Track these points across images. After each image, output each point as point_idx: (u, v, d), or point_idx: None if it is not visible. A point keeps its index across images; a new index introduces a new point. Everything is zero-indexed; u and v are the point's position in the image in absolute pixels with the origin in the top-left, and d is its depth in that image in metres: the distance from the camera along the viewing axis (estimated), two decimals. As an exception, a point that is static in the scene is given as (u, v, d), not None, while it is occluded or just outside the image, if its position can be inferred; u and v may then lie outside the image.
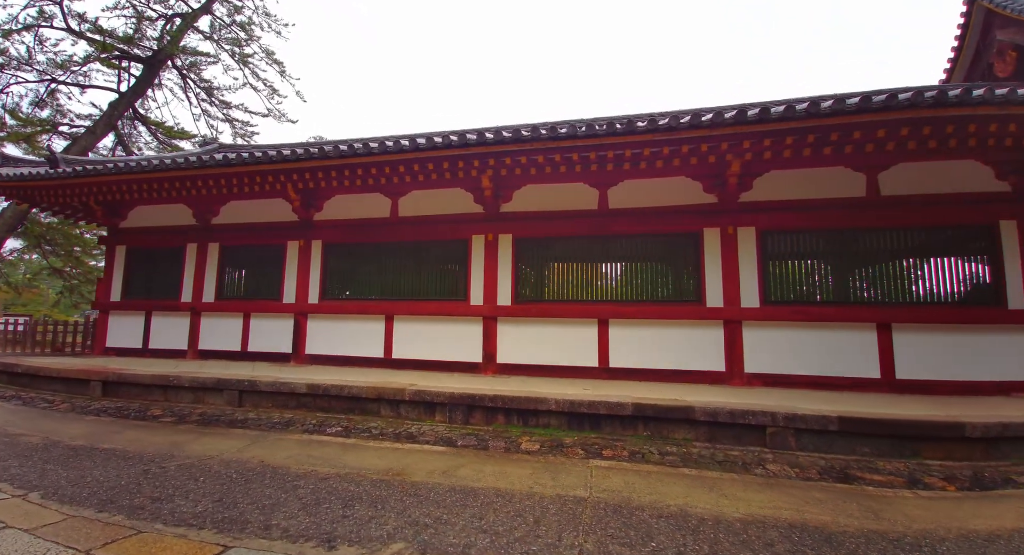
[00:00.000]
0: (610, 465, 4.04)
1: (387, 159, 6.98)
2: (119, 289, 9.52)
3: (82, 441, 4.46)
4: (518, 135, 6.29)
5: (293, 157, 7.32)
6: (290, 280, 8.54)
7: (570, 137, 6.13)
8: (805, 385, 6.24)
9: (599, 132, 5.88)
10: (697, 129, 5.18)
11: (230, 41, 16.33)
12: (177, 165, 7.74)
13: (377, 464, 3.93)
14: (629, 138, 5.78)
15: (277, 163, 7.43)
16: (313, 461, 3.96)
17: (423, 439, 5.18)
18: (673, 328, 6.73)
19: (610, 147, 6.11)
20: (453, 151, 6.67)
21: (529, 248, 7.51)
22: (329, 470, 3.71)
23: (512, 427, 5.62)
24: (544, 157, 6.44)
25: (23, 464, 3.45)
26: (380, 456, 4.20)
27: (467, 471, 3.77)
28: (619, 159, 6.32)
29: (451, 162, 6.86)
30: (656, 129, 5.31)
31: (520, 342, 7.28)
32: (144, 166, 7.94)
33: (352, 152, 6.99)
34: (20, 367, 7.92)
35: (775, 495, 3.40)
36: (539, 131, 6.24)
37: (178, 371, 7.19)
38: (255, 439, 4.76)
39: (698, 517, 2.87)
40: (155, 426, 5.39)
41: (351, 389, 6.22)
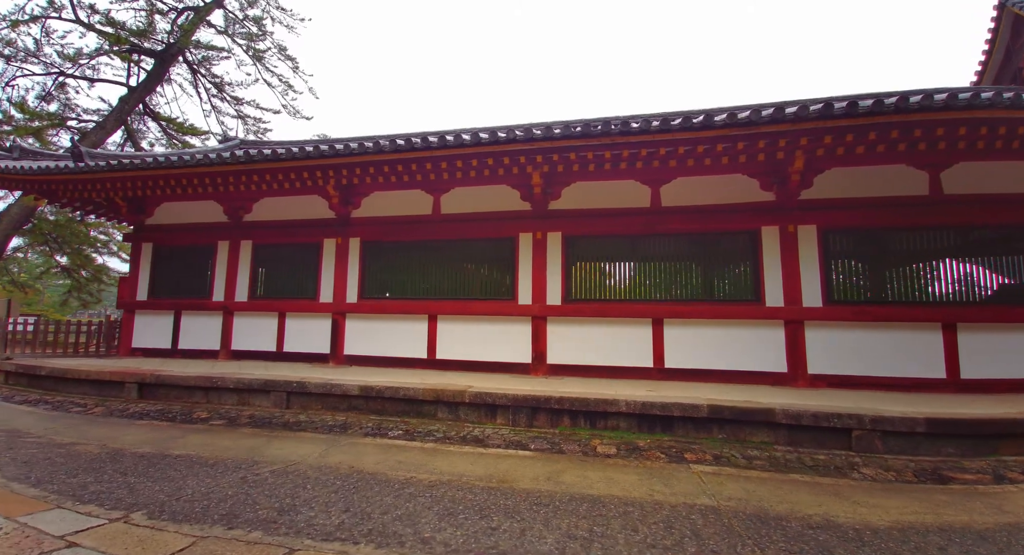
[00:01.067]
0: (712, 470, 3.90)
1: (432, 155, 6.78)
2: (145, 288, 9.23)
3: (147, 448, 4.23)
4: (571, 131, 6.12)
5: (334, 152, 7.11)
6: (327, 279, 8.32)
7: (624, 133, 5.97)
8: (870, 386, 6.14)
9: (656, 128, 5.73)
10: (777, 123, 5.05)
11: (244, 36, 16.00)
12: (210, 161, 7.48)
13: (473, 470, 3.76)
14: (687, 134, 5.63)
15: (317, 158, 7.21)
16: (406, 467, 3.78)
17: (492, 443, 5.02)
18: (731, 328, 6.61)
19: (665, 144, 5.97)
20: (501, 147, 6.50)
21: (579, 246, 7.36)
22: (429, 477, 3.53)
23: (579, 429, 5.48)
24: (595, 153, 6.28)
25: (100, 478, 3.22)
26: (471, 462, 4.02)
27: (571, 478, 3.61)
28: (673, 156, 6.18)
29: (498, 158, 6.69)
30: (728, 124, 5.18)
31: (571, 342, 7.13)
32: (174, 162, 7.68)
33: (396, 147, 6.79)
34: (44, 369, 7.64)
35: (902, 500, 3.29)
36: (593, 127, 6.08)
37: (221, 372, 6.95)
38: (329, 443, 4.56)
39: (851, 527, 2.74)
40: (212, 429, 5.17)
41: (407, 391, 6.03)
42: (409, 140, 6.91)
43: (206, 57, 16.48)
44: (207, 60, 16.60)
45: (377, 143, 6.96)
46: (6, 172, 8.13)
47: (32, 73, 15.09)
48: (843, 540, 2.55)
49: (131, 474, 3.35)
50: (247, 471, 3.50)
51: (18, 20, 14.64)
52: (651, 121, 5.98)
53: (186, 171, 7.67)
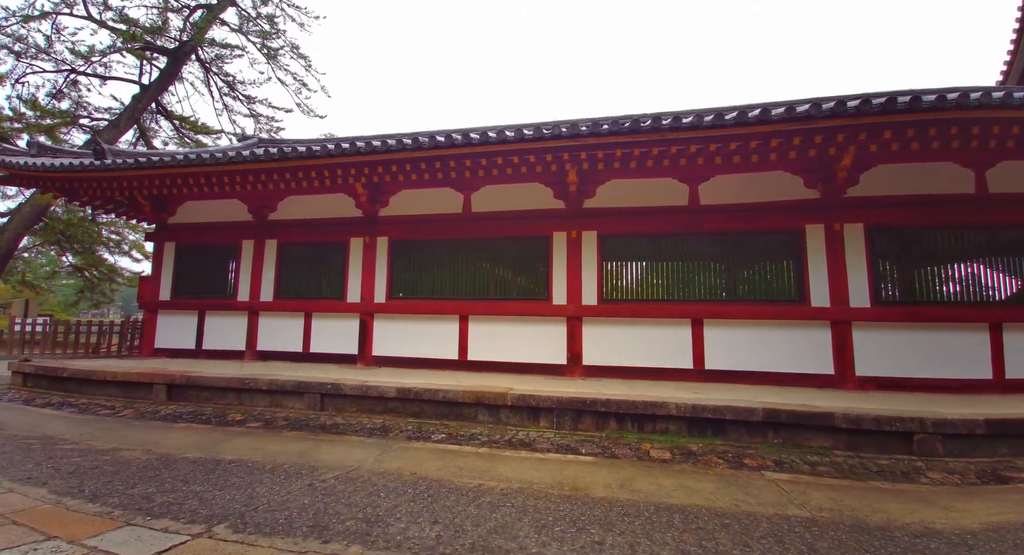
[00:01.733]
0: (788, 478, 3.77)
1: (470, 152, 6.63)
2: (168, 287, 9.10)
3: (196, 453, 4.10)
4: (619, 127, 5.97)
5: (366, 149, 6.97)
6: (354, 278, 8.19)
7: (676, 128, 5.82)
8: (917, 388, 6.01)
9: (709, 123, 5.59)
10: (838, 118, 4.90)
11: (258, 33, 15.84)
12: (239, 158, 7.34)
13: (539, 477, 3.62)
14: (742, 130, 5.49)
15: (348, 156, 7.07)
16: (469, 473, 3.64)
17: (540, 447, 4.89)
18: (774, 329, 6.47)
19: (716, 139, 5.82)
20: (542, 143, 6.36)
21: (614, 245, 7.22)
22: (498, 484, 3.39)
23: (627, 433, 5.34)
24: (641, 150, 6.13)
25: (162, 488, 3.07)
26: (532, 468, 3.89)
27: (645, 485, 3.48)
28: (721, 152, 6.04)
29: (539, 155, 6.54)
30: (787, 118, 5.03)
31: (607, 343, 6.99)
32: (201, 159, 7.54)
33: (432, 144, 6.65)
34: (67, 371, 7.50)
35: (981, 502, 3.26)
36: (640, 122, 5.93)
37: (253, 373, 6.82)
38: (379, 448, 4.43)
39: (951, 532, 2.65)
40: (252, 432, 5.04)
41: (446, 393, 5.90)
42: (448, 136, 6.76)
43: (219, 55, 16.34)
44: (220, 58, 16.45)
45: (416, 140, 6.82)
46: (26, 169, 7.98)
47: (43, 70, 14.96)
48: (952, 546, 2.44)
49: (193, 482, 3.22)
50: (311, 477, 3.37)
51: (29, 16, 14.51)
52: (703, 116, 5.83)
53: (212, 169, 7.53)
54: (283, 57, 16.31)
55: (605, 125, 6.18)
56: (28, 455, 3.74)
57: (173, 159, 7.71)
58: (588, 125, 6.28)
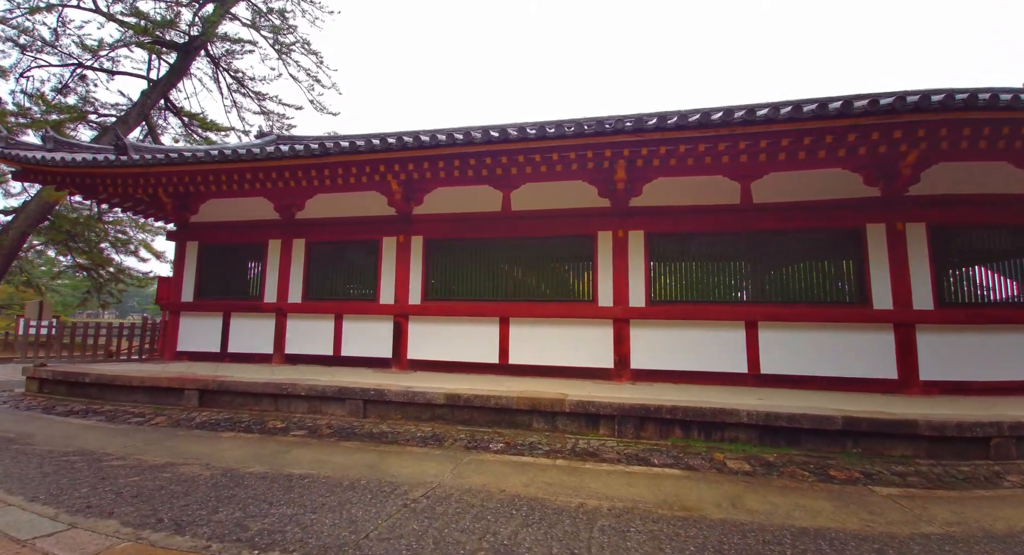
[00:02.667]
0: (899, 493, 3.55)
1: (505, 148, 6.39)
2: (191, 288, 8.78)
3: (259, 467, 3.83)
4: (664, 123, 5.73)
5: (401, 145, 6.69)
6: (387, 279, 7.91)
7: (726, 123, 5.59)
8: (981, 391, 5.82)
9: (784, 117, 5.35)
10: (922, 112, 4.69)
11: (270, 29, 15.47)
12: (275, 154, 7.05)
13: (638, 493, 3.37)
14: (816, 124, 5.26)
15: (383, 152, 6.79)
16: (561, 491, 3.39)
17: (606, 457, 4.67)
18: (833, 332, 6.26)
19: (774, 135, 5.60)
20: (581, 140, 6.11)
21: (663, 245, 6.98)
22: (599, 502, 3.14)
23: (693, 441, 5.12)
24: (687, 147, 5.90)
25: (248, 511, 2.70)
26: (625, 482, 3.64)
27: (755, 504, 3.24)
28: (777, 148, 5.82)
29: (573, 153, 6.31)
30: (869, 112, 4.81)
31: (656, 347, 6.76)
32: (233, 155, 7.23)
33: (465, 141, 6.37)
34: (89, 376, 7.18)
35: None
36: (685, 118, 5.70)
37: (291, 378, 6.54)
38: (450, 460, 4.17)
39: None
40: (305, 443, 4.77)
41: (499, 400, 5.65)
42: (487, 132, 6.52)
43: (230, 50, 15.96)
44: (230, 54, 16.08)
45: (452, 136, 6.56)
46: (42, 164, 7.64)
47: (48, 64, 14.55)
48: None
49: (276, 502, 2.94)
50: (400, 497, 3.10)
51: (35, 7, 14.08)
52: (755, 111, 5.60)
53: (243, 165, 7.22)
54: (295, 53, 15.98)
55: (651, 120, 5.95)
56: (76, 476, 3.42)
57: (197, 156, 7.39)
58: (633, 121, 6.04)
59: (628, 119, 6.50)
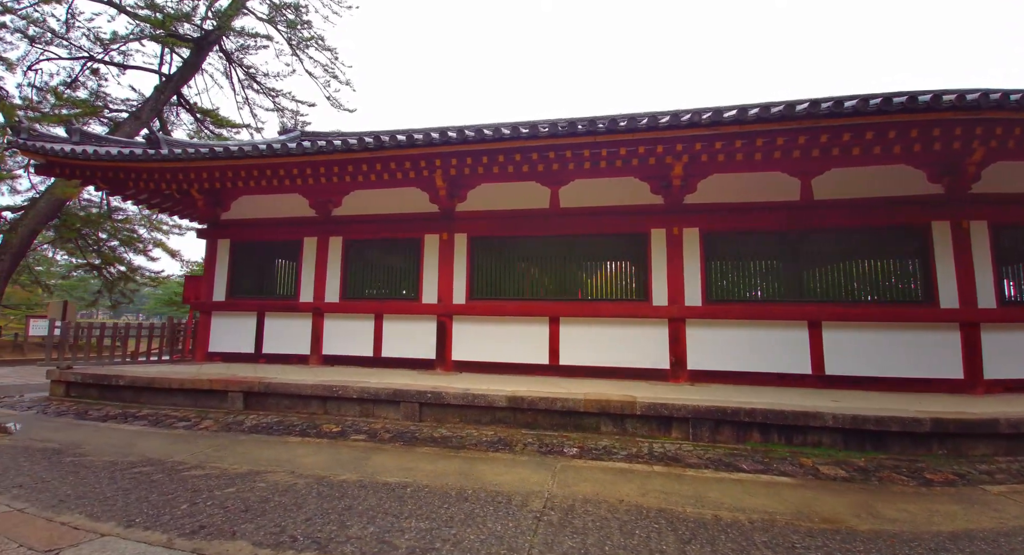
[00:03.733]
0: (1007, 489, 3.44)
1: (555, 143, 6.21)
2: (223, 287, 8.51)
3: (350, 474, 3.62)
4: (720, 118, 5.58)
5: (445, 140, 6.49)
6: (430, 278, 7.70)
7: (784, 118, 5.46)
8: (1051, 392, 5.74)
9: (852, 110, 5.23)
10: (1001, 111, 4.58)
11: (286, 23, 15.15)
12: (316, 149, 6.81)
13: (767, 504, 3.19)
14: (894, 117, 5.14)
15: (427, 147, 6.59)
16: (683, 501, 3.21)
17: (690, 462, 4.52)
18: (898, 332, 6.15)
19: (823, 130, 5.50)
20: (635, 135, 5.95)
21: (720, 243, 6.84)
22: (738, 516, 2.96)
23: (774, 445, 4.97)
24: (744, 142, 5.79)
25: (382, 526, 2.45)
26: (744, 492, 3.46)
27: (888, 510, 3.09)
28: (835, 143, 5.71)
29: (623, 148, 6.17)
30: (957, 106, 4.69)
31: (714, 347, 6.61)
32: (270, 150, 6.98)
33: (511, 136, 6.19)
34: (124, 378, 6.90)
35: None
36: (745, 112, 5.54)
37: (342, 380, 6.32)
38: (542, 467, 3.98)
39: None
40: (380, 449, 4.57)
41: (565, 402, 5.47)
42: (534, 127, 6.33)
43: (244, 46, 15.62)
44: (244, 49, 15.74)
45: (498, 130, 6.38)
46: (71, 157, 7.33)
47: (58, 57, 14.13)
48: None
49: (402, 515, 2.69)
50: (524, 509, 2.91)
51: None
52: (819, 103, 5.48)
53: (287, 160, 6.98)
54: (310, 49, 15.66)
55: (705, 115, 5.80)
56: (162, 490, 3.16)
57: (240, 150, 7.14)
58: (691, 114, 5.89)
59: (683, 113, 6.36)
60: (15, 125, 7.69)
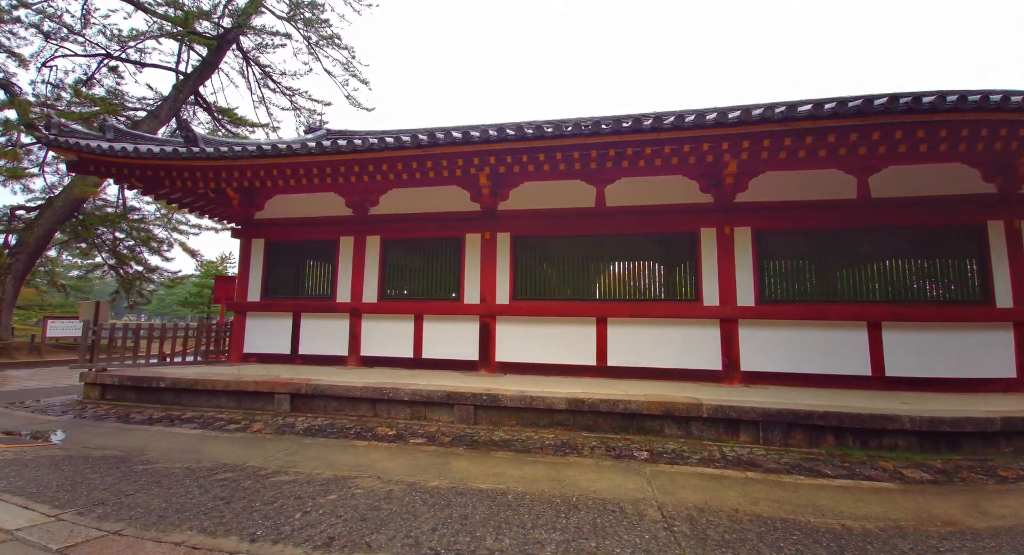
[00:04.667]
0: None
1: (604, 141, 6.10)
2: (258, 287, 8.36)
3: (439, 481, 3.49)
4: (771, 114, 5.48)
5: (487, 138, 6.37)
6: (472, 277, 7.57)
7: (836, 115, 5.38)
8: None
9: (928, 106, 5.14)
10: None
11: (305, 21, 14.99)
12: (356, 147, 6.68)
13: (883, 511, 3.08)
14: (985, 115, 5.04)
15: (471, 145, 6.48)
16: (799, 510, 3.09)
17: (770, 467, 4.44)
18: (955, 332, 6.05)
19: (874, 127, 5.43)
20: (688, 133, 5.86)
21: (773, 242, 6.73)
22: (864, 524, 2.85)
23: (849, 449, 4.88)
24: (793, 139, 5.69)
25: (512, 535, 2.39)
26: (857, 499, 3.33)
27: (996, 508, 3.03)
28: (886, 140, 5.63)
29: (668, 146, 6.07)
30: None
31: (768, 347, 6.51)
32: (310, 149, 6.83)
33: (555, 134, 6.08)
34: (165, 381, 6.75)
35: None
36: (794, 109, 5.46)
37: (393, 382, 6.20)
38: (634, 473, 3.86)
39: None
40: (447, 451, 4.47)
41: (628, 404, 5.36)
42: (577, 126, 6.22)
43: (262, 44, 15.48)
44: (262, 47, 15.59)
45: (540, 128, 6.27)
46: (107, 155, 7.15)
47: (74, 53, 13.95)
48: None
49: (527, 526, 2.55)
50: (643, 519, 2.79)
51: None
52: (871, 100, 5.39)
53: (324, 159, 6.84)
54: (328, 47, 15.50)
55: (757, 111, 5.70)
56: (262, 498, 2.94)
57: (275, 148, 6.99)
58: (740, 111, 5.77)
59: (731, 110, 6.25)
60: (46, 121, 7.52)
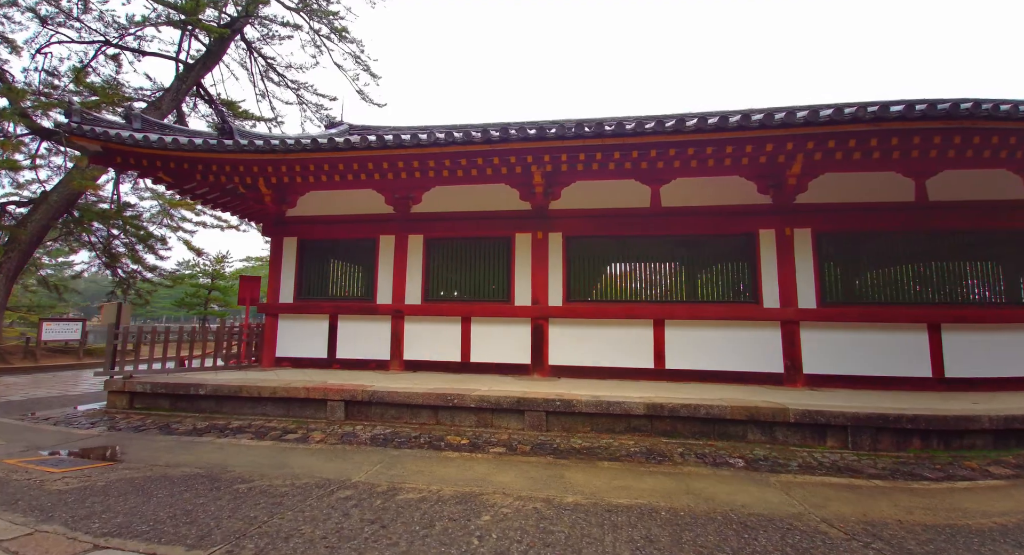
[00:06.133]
0: None
1: (665, 140, 6.00)
2: (290, 288, 7.95)
3: (573, 497, 3.28)
4: (834, 116, 5.45)
5: (541, 136, 6.18)
6: (522, 279, 7.34)
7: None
8: None
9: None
10: None
11: (311, 12, 14.46)
12: (402, 143, 6.37)
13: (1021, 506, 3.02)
14: None
15: (531, 142, 6.29)
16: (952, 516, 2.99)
17: (870, 473, 4.44)
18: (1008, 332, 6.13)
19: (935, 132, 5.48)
20: (755, 133, 5.80)
21: (835, 243, 6.70)
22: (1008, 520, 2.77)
23: (934, 451, 4.89)
24: (858, 141, 5.70)
25: None
26: (1003, 495, 3.28)
27: None
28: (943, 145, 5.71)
29: (730, 146, 6.02)
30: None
31: (830, 349, 6.47)
32: (348, 144, 6.51)
33: (612, 132, 5.94)
34: (205, 388, 6.33)
35: None
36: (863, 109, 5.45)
37: (456, 388, 5.93)
38: (765, 484, 3.71)
39: None
40: (549, 462, 4.22)
41: (710, 409, 5.24)
42: (639, 123, 6.07)
43: (269, 34, 14.89)
44: (268, 38, 15.00)
45: (599, 125, 6.12)
46: (138, 145, 6.65)
47: (71, 40, 13.17)
48: None
49: (728, 549, 2.39)
50: (816, 535, 2.63)
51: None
52: (935, 105, 5.44)
53: (369, 154, 6.55)
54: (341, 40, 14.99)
55: (826, 112, 5.65)
56: (425, 523, 2.65)
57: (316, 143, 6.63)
58: (808, 112, 5.73)
59: (801, 109, 6.21)
60: (66, 108, 6.99)
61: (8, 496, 3.01)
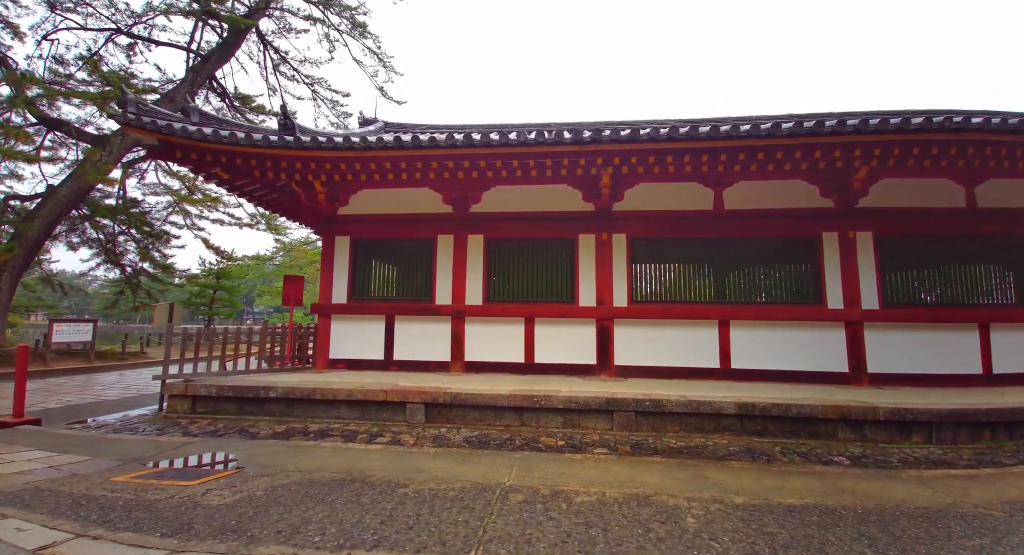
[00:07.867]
0: None
1: (735, 145, 6.14)
2: (343, 289, 7.75)
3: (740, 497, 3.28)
4: (901, 124, 5.68)
5: (610, 138, 6.24)
6: (586, 280, 7.36)
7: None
8: None
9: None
10: None
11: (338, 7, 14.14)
12: (472, 142, 6.32)
13: None
14: None
15: (595, 144, 6.31)
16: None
17: (961, 464, 4.69)
18: (1066, 333, 6.47)
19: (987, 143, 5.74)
20: (825, 138, 5.97)
21: (896, 247, 6.94)
22: None
23: (1001, 441, 5.27)
24: (920, 148, 5.94)
25: None
26: None
27: None
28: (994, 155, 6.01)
29: (799, 151, 6.18)
30: None
31: (894, 349, 6.69)
32: (414, 142, 6.40)
33: (685, 135, 6.04)
34: (275, 391, 6.14)
35: None
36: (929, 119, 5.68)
37: (543, 390, 5.89)
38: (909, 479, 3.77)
39: None
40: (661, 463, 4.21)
41: (801, 408, 5.37)
42: (694, 127, 6.20)
43: (286, 27, 14.49)
44: (285, 30, 14.59)
45: (655, 129, 6.21)
46: (203, 139, 6.36)
47: (80, 27, 12.55)
48: None
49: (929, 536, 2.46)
50: (1017, 530, 2.73)
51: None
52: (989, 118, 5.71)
53: (433, 153, 6.46)
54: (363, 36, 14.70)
55: (895, 120, 5.87)
56: (637, 533, 2.59)
57: (381, 141, 6.49)
58: (878, 119, 5.94)
59: (871, 115, 6.40)
60: (120, 97, 6.67)
61: (179, 523, 2.65)
